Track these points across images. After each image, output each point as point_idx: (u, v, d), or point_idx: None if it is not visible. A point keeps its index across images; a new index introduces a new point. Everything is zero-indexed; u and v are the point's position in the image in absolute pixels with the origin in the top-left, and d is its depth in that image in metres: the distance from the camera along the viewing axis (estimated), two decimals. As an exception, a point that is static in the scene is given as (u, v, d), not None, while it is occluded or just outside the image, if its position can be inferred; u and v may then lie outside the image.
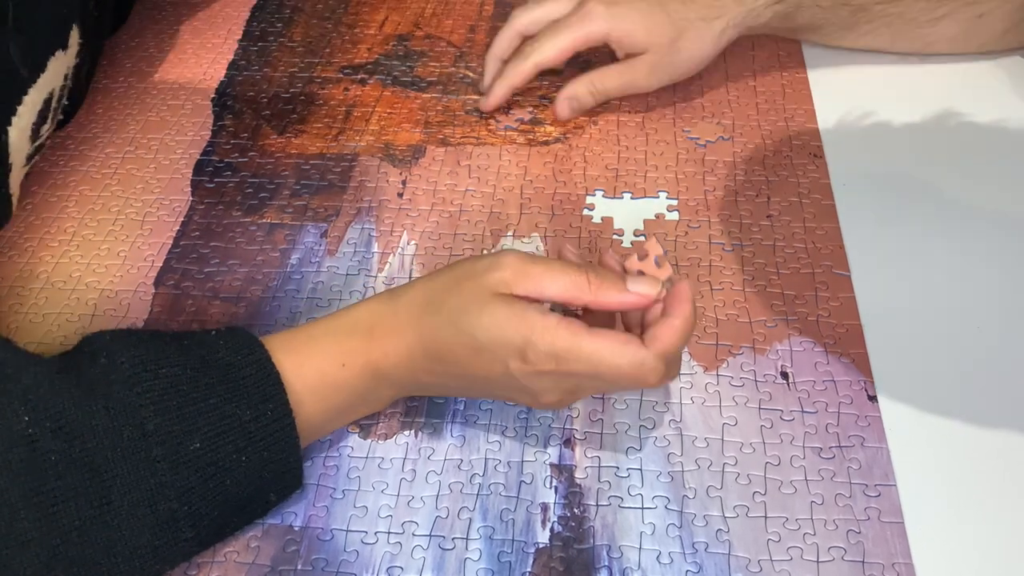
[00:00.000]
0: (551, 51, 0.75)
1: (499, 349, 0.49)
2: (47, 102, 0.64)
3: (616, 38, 0.75)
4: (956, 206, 0.70)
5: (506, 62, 0.78)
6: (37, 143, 0.65)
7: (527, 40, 0.77)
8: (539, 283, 0.50)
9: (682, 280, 0.52)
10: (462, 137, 0.77)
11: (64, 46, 0.65)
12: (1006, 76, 0.80)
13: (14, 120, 0.60)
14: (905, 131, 0.76)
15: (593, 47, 0.76)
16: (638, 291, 0.50)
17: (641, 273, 0.52)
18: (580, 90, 0.76)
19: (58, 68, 0.65)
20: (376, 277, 0.66)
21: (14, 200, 0.65)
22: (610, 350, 0.48)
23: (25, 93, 0.61)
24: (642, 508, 0.53)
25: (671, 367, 0.50)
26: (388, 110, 0.80)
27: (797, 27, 0.80)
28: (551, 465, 0.55)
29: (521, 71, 0.76)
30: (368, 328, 0.52)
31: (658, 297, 0.50)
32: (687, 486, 0.54)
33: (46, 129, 0.66)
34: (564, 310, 0.51)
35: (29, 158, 0.65)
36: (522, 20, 0.77)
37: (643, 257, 0.52)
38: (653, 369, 0.49)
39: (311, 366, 0.51)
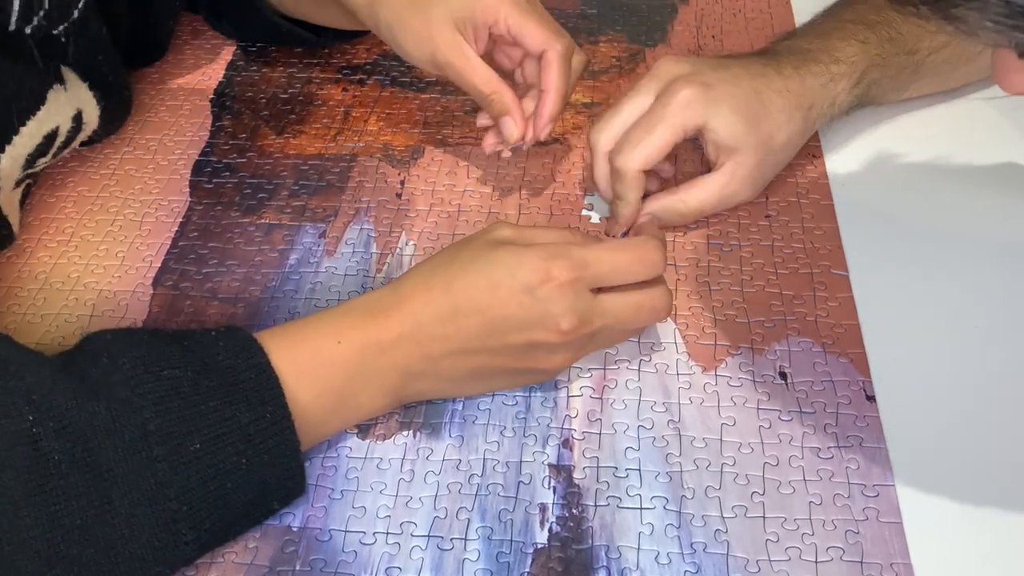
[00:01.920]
0: (647, 152, 0.64)
1: (519, 275, 0.52)
2: (49, 137, 0.64)
3: (713, 128, 0.64)
4: (954, 206, 0.70)
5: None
6: (30, 171, 0.65)
7: (613, 150, 0.66)
8: (535, 237, 0.55)
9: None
10: (460, 137, 0.77)
11: (61, 81, 0.64)
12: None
13: (8, 149, 0.60)
14: (904, 130, 0.76)
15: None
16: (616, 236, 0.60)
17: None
18: (668, 209, 0.66)
19: (59, 102, 0.64)
20: (374, 278, 0.66)
21: (12, 221, 0.65)
22: (616, 245, 0.56)
23: (23, 124, 0.61)
24: (640, 508, 0.53)
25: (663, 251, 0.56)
26: (386, 110, 0.80)
27: (866, 102, 0.73)
28: (549, 465, 0.55)
29: (628, 186, 0.65)
30: (367, 308, 0.53)
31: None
32: (685, 486, 0.54)
33: (43, 162, 0.66)
34: None
35: (18, 182, 0.65)
36: (604, 138, 0.66)
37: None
38: (655, 247, 0.55)
39: (305, 347, 0.52)
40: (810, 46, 0.70)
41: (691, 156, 0.72)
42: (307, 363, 0.51)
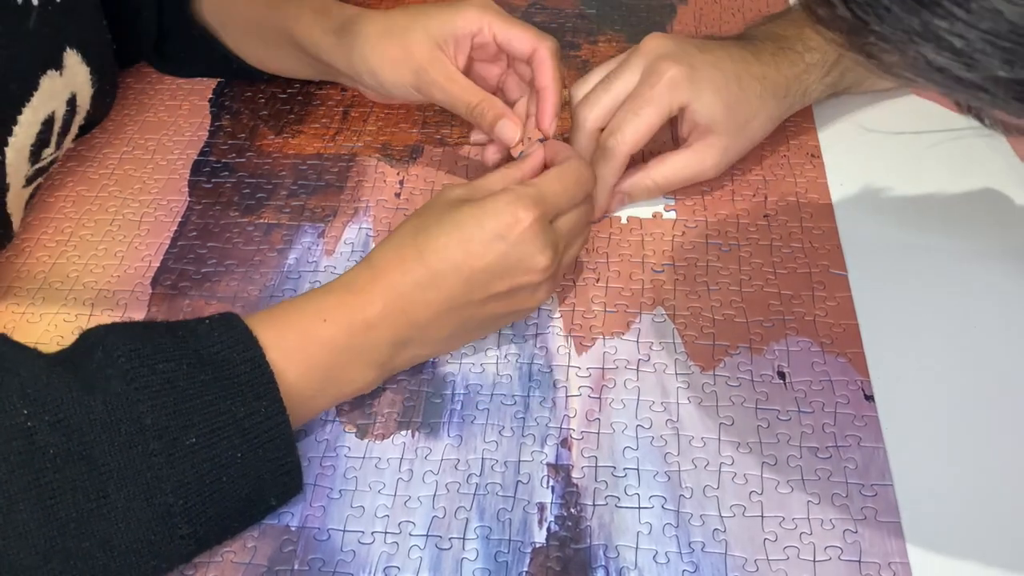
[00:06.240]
0: (638, 134, 0.66)
1: (488, 225, 0.54)
2: (47, 124, 0.64)
3: (694, 110, 0.67)
4: (954, 204, 0.70)
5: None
6: (38, 165, 0.65)
7: (604, 131, 0.67)
8: (486, 185, 0.58)
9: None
10: (459, 137, 0.77)
11: (57, 66, 0.64)
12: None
13: (10, 140, 0.60)
14: (903, 130, 0.76)
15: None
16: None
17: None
18: (637, 185, 0.69)
19: (54, 88, 0.64)
20: (373, 277, 0.66)
21: (14, 220, 0.65)
22: (557, 173, 0.58)
23: (19, 112, 0.61)
24: (639, 508, 0.53)
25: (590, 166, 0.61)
26: (386, 110, 0.80)
27: (842, 90, 0.76)
28: (548, 465, 0.55)
29: (614, 167, 0.67)
30: (345, 286, 0.55)
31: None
32: (684, 486, 0.54)
33: (49, 153, 0.66)
34: None
35: (29, 180, 0.65)
36: (593, 115, 0.67)
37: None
38: (584, 164, 0.59)
39: (292, 327, 0.52)
40: (785, 33, 0.72)
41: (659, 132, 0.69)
42: (294, 342, 0.52)
